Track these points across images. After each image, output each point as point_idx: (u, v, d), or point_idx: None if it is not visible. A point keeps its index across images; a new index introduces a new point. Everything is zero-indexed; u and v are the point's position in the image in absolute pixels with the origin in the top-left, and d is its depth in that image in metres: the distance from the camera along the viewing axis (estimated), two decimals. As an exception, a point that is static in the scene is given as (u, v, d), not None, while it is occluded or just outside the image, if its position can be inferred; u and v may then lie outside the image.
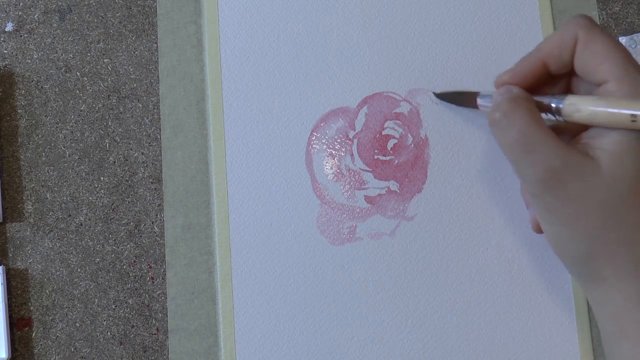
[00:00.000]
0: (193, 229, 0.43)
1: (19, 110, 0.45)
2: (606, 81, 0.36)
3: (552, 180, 0.35)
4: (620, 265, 0.35)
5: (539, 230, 0.39)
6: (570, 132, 0.38)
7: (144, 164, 0.44)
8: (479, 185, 0.44)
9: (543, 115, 0.37)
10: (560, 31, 0.38)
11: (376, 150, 0.44)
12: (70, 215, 0.44)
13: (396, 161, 0.44)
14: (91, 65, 0.45)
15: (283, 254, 0.43)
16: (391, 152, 0.44)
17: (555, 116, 0.37)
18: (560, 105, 0.37)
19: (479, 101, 0.41)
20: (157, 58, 0.45)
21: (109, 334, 0.43)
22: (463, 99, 0.44)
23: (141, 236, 0.44)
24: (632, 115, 0.34)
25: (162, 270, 0.43)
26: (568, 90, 0.40)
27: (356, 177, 0.44)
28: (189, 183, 0.44)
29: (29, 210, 0.44)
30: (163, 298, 0.43)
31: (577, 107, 0.36)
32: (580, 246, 0.36)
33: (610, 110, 0.35)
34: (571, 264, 0.37)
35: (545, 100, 0.38)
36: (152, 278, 0.43)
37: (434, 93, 0.45)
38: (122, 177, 0.44)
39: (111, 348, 0.43)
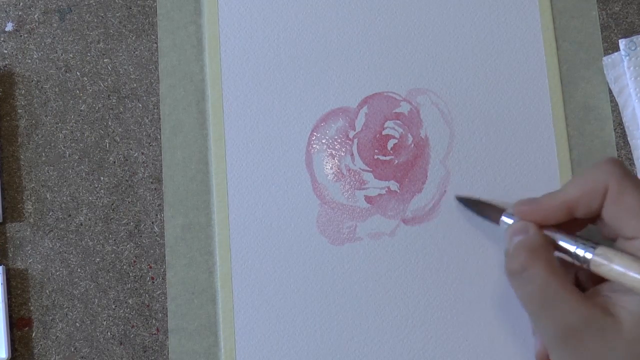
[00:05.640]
0: (193, 229, 0.43)
1: (19, 110, 0.45)
2: (636, 238, 0.34)
3: (571, 337, 0.34)
4: None
5: None
6: (591, 278, 0.36)
7: (144, 164, 0.44)
8: (479, 185, 0.44)
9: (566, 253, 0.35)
10: (591, 177, 0.36)
11: (376, 150, 0.44)
12: (70, 215, 0.44)
13: (396, 161, 0.44)
14: (91, 65, 0.45)
15: (283, 254, 0.43)
16: (391, 152, 0.44)
17: (579, 263, 0.35)
18: (590, 256, 0.35)
19: (504, 220, 0.39)
20: (157, 58, 0.45)
21: (109, 334, 0.43)
22: (486, 210, 0.41)
23: (141, 236, 0.44)
24: None
25: (162, 270, 0.43)
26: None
27: (356, 177, 0.44)
28: (189, 183, 0.44)
29: (29, 210, 0.44)
30: (163, 298, 0.43)
31: (609, 265, 0.34)
32: None
33: None
34: None
35: (572, 245, 0.36)
36: (152, 278, 0.43)
37: (456, 196, 0.43)
38: (122, 177, 0.44)
39: (111, 348, 0.43)
